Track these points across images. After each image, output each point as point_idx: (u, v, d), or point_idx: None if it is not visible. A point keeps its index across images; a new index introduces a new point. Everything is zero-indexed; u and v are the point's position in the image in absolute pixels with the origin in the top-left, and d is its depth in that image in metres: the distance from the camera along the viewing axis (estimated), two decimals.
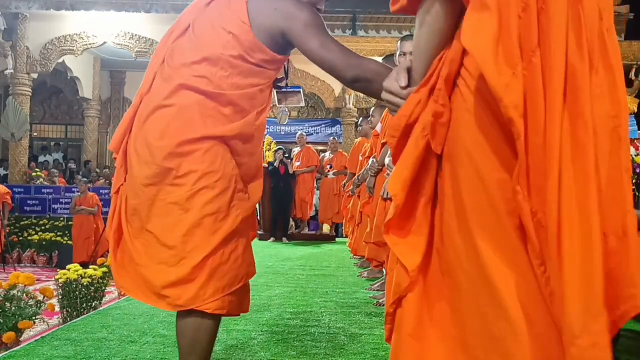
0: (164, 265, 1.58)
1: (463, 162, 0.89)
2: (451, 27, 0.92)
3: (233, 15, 1.62)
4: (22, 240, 9.91)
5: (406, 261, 0.93)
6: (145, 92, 1.67)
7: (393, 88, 1.04)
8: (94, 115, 13.79)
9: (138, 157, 1.61)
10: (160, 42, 1.75)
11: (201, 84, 1.60)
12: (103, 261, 5.09)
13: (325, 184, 8.90)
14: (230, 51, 1.61)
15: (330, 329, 2.95)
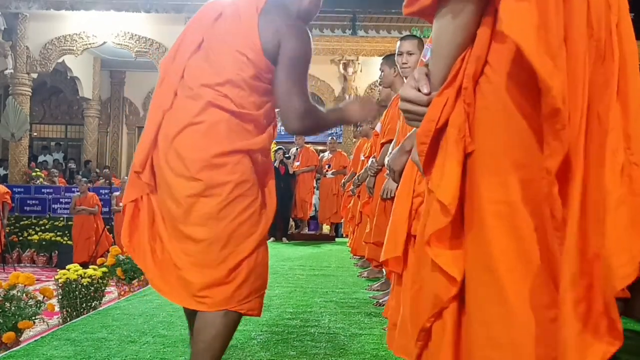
0: (203, 267, 1.67)
1: (484, 162, 0.88)
2: (477, 26, 0.90)
3: (246, 38, 1.73)
4: (22, 240, 9.91)
5: (454, 271, 0.89)
6: (167, 108, 1.75)
7: (412, 96, 0.98)
8: (94, 115, 13.79)
9: (172, 170, 1.70)
10: (171, 57, 1.82)
11: (226, 104, 1.70)
12: (103, 261, 5.09)
13: (324, 184, 8.90)
14: (247, 72, 1.72)
15: (330, 329, 2.95)
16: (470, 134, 0.89)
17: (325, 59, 13.56)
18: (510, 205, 0.85)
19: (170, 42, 11.32)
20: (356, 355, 2.50)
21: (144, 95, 14.93)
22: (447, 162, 0.90)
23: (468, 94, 0.89)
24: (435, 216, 0.91)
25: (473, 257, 0.89)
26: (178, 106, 1.74)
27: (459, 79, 0.91)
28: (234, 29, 1.75)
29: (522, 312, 0.82)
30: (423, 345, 0.98)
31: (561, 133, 0.79)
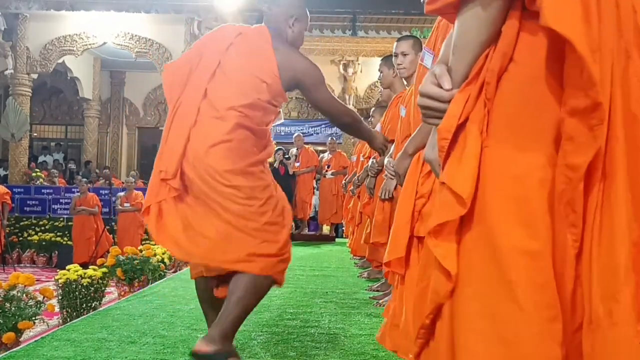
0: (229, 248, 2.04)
1: (497, 156, 0.87)
2: (502, 22, 0.89)
3: (265, 66, 2.11)
4: (22, 241, 9.91)
5: (448, 264, 0.89)
6: (192, 125, 2.08)
7: (433, 92, 0.95)
8: (94, 116, 13.79)
9: (199, 180, 2.05)
10: (184, 75, 2.15)
11: (248, 123, 2.09)
12: (103, 262, 5.09)
13: (324, 184, 8.90)
14: (264, 96, 2.11)
15: (330, 330, 2.95)
16: (487, 130, 0.88)
17: (325, 59, 13.55)
18: (523, 201, 0.84)
19: (170, 43, 11.32)
20: (356, 356, 2.50)
21: (144, 95, 14.94)
22: (465, 157, 0.89)
23: (490, 90, 0.88)
24: (448, 207, 0.89)
25: (478, 251, 0.87)
26: (205, 124, 2.07)
27: (482, 76, 0.90)
28: (252, 59, 2.12)
29: (528, 309, 0.82)
30: (423, 344, 0.96)
31: (597, 128, 0.78)
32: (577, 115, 0.79)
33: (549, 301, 0.82)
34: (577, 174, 0.79)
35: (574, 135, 0.79)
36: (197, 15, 10.51)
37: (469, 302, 0.87)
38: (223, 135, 2.05)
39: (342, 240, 8.53)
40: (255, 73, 2.10)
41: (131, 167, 14.62)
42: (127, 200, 9.60)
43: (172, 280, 4.53)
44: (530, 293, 0.82)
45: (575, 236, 0.81)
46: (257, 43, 2.15)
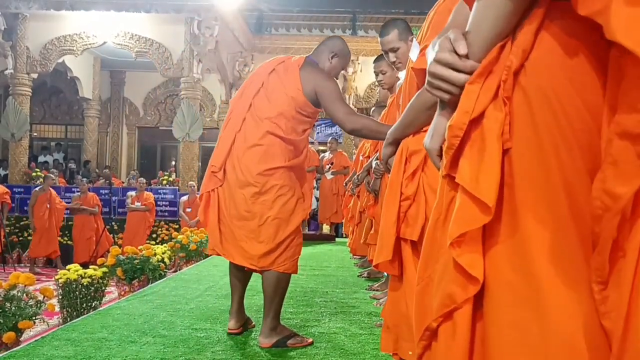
0: (257, 242, 2.54)
1: (524, 163, 0.82)
2: (520, 14, 0.84)
3: (291, 83, 2.60)
4: (22, 240, 9.91)
5: (475, 272, 0.84)
6: (238, 130, 2.61)
7: (451, 59, 0.87)
8: (94, 116, 13.80)
9: (237, 177, 2.56)
10: (239, 96, 2.72)
11: (277, 131, 2.55)
12: (103, 261, 5.10)
13: (324, 184, 8.90)
14: (290, 107, 2.58)
15: (330, 329, 2.95)
16: (509, 130, 0.83)
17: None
18: (557, 208, 0.79)
19: (170, 42, 11.35)
20: (356, 355, 2.50)
21: (144, 95, 14.95)
22: (486, 158, 0.83)
23: (507, 87, 0.83)
24: (470, 215, 0.84)
25: (506, 259, 0.83)
26: (246, 131, 2.59)
27: (497, 69, 0.84)
28: (284, 78, 2.63)
29: (561, 321, 0.77)
30: (426, 345, 0.93)
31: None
32: (629, 138, 0.70)
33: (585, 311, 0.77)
34: (617, 204, 0.70)
35: (620, 160, 0.71)
36: (197, 15, 10.50)
37: (503, 312, 0.83)
38: (256, 140, 2.55)
39: (342, 240, 8.53)
40: (285, 90, 2.60)
41: (131, 166, 14.63)
42: (138, 200, 9.65)
43: (172, 280, 4.54)
44: (563, 304, 0.78)
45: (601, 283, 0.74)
46: (291, 67, 2.67)
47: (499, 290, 0.83)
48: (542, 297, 0.78)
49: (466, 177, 0.85)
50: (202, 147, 14.25)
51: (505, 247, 0.83)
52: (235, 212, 2.58)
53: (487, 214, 0.83)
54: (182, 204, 10.04)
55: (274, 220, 2.53)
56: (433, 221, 0.95)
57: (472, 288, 0.85)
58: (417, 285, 0.98)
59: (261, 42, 13.43)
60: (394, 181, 1.82)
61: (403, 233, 1.76)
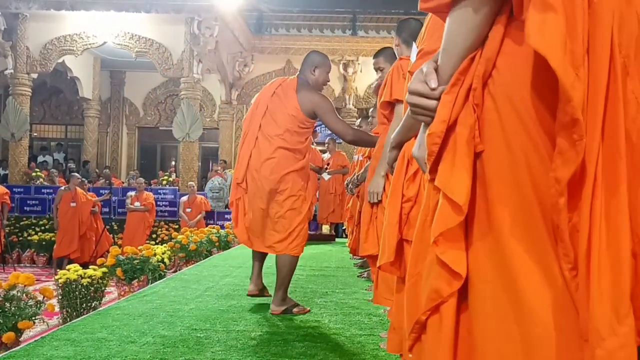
0: (274, 232, 3.21)
1: (494, 164, 0.88)
2: (489, 27, 0.91)
3: (290, 104, 3.20)
4: (22, 240, 9.91)
5: (459, 268, 0.90)
6: (252, 147, 3.24)
7: (422, 89, 0.97)
8: (94, 116, 13.79)
9: (255, 185, 3.23)
10: (249, 118, 3.33)
11: (286, 145, 3.18)
12: (103, 261, 5.09)
13: (322, 183, 8.90)
14: (293, 124, 3.19)
15: (330, 330, 2.95)
16: (479, 135, 0.90)
17: None
18: (524, 207, 0.85)
19: (170, 43, 11.37)
20: (356, 356, 2.50)
21: (144, 95, 14.95)
22: (457, 162, 0.91)
23: (477, 95, 0.90)
24: (446, 215, 0.91)
25: (486, 254, 0.89)
26: (260, 147, 3.21)
27: (468, 79, 0.91)
28: (284, 100, 3.22)
29: (538, 310, 0.83)
30: (416, 338, 0.99)
31: (578, 143, 0.79)
32: (562, 129, 0.81)
33: (560, 303, 0.83)
34: (560, 187, 0.81)
35: (562, 149, 0.81)
36: (197, 15, 10.51)
37: (483, 303, 0.89)
38: (270, 154, 3.18)
39: (342, 240, 8.53)
40: (286, 110, 3.19)
41: (131, 166, 14.63)
42: (138, 200, 9.64)
43: (172, 280, 4.54)
44: (538, 295, 0.83)
45: (567, 257, 0.82)
46: (288, 90, 3.24)
47: (480, 284, 0.89)
48: (518, 288, 0.84)
49: (442, 179, 0.93)
50: (202, 147, 14.27)
51: (483, 243, 0.89)
52: (257, 212, 3.23)
53: (459, 213, 0.90)
54: (182, 204, 10.03)
55: (287, 215, 3.18)
56: (421, 222, 1.02)
57: (456, 283, 0.91)
58: (408, 282, 1.04)
59: (261, 42, 13.43)
60: (395, 183, 1.82)
61: (405, 234, 1.77)
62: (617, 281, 0.79)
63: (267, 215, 3.21)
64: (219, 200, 10.83)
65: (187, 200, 9.97)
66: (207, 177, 12.41)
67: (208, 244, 7.20)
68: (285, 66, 13.51)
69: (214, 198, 10.78)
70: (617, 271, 0.79)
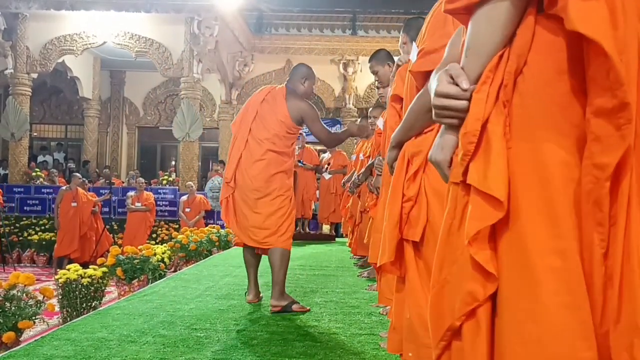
0: (264, 229, 3.38)
1: (522, 162, 0.88)
2: (517, 25, 0.91)
3: (280, 111, 3.43)
4: (22, 240, 9.90)
5: (492, 268, 0.89)
6: (242, 149, 3.45)
7: (452, 91, 0.96)
8: (93, 115, 13.79)
9: (245, 183, 3.42)
10: (238, 122, 3.54)
11: (274, 148, 3.41)
12: (103, 261, 5.09)
13: (322, 183, 8.90)
14: (282, 130, 3.43)
15: (330, 329, 2.95)
16: (510, 131, 0.89)
17: (325, 59, 13.55)
18: (550, 202, 0.85)
19: (170, 42, 11.37)
20: (356, 355, 2.50)
21: (143, 95, 14.94)
22: (493, 158, 0.89)
23: (507, 92, 0.89)
24: (484, 213, 0.89)
25: (508, 254, 0.88)
26: (250, 149, 3.42)
27: (497, 76, 0.91)
28: (274, 107, 3.45)
29: (553, 309, 0.82)
30: (446, 346, 0.96)
31: (625, 127, 0.79)
32: (603, 115, 0.80)
33: (576, 302, 0.82)
34: (605, 173, 0.80)
35: (601, 135, 0.80)
36: (197, 15, 10.50)
37: (505, 303, 0.88)
38: (260, 156, 3.40)
39: (342, 240, 8.53)
40: (276, 116, 3.42)
41: (131, 166, 14.63)
42: (139, 200, 9.63)
43: (172, 280, 4.54)
44: (556, 294, 0.82)
45: (603, 235, 0.81)
46: (277, 97, 3.48)
47: (502, 283, 0.88)
48: (536, 286, 0.83)
49: (475, 177, 0.91)
50: (202, 147, 14.26)
51: (506, 241, 0.88)
52: (246, 209, 3.42)
53: (499, 209, 0.88)
54: (182, 203, 10.03)
55: (275, 212, 3.39)
56: (447, 226, 0.98)
57: (490, 285, 0.89)
58: (433, 289, 1.01)
59: (261, 42, 13.43)
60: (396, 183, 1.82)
61: (405, 234, 1.76)
62: None
63: (256, 212, 3.39)
64: (219, 200, 10.82)
65: (187, 200, 9.97)
66: (207, 177, 12.41)
67: (208, 243, 7.20)
68: (285, 66, 13.50)
69: (214, 198, 10.77)
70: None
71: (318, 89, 13.36)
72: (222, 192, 3.56)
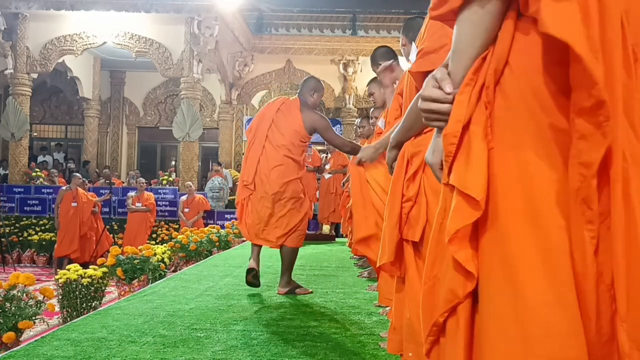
0: (278, 228, 3.78)
1: (503, 163, 0.89)
2: (498, 28, 0.92)
3: (295, 121, 3.80)
4: (22, 240, 9.91)
5: (471, 267, 0.91)
6: (260, 154, 3.79)
7: (437, 95, 0.99)
8: (93, 115, 13.79)
9: (264, 186, 3.77)
10: (253, 129, 3.91)
11: (290, 154, 3.78)
12: (103, 261, 5.09)
13: (322, 183, 8.90)
14: (296, 138, 3.80)
15: (330, 329, 2.95)
16: (491, 132, 0.91)
17: (325, 59, 13.56)
18: (532, 201, 0.86)
19: (170, 42, 11.38)
20: (356, 355, 2.50)
21: (143, 95, 14.95)
22: (472, 159, 0.91)
23: (489, 93, 0.91)
24: (462, 212, 0.91)
25: (490, 252, 0.89)
26: (269, 155, 3.78)
27: (480, 78, 0.92)
28: (289, 117, 3.82)
29: (537, 307, 0.83)
30: (434, 341, 0.99)
31: (605, 125, 0.80)
32: (584, 114, 0.81)
33: (563, 300, 0.83)
34: (590, 171, 0.81)
35: (585, 134, 0.81)
36: (197, 15, 10.51)
37: (487, 302, 0.89)
38: (277, 162, 3.76)
39: (342, 240, 8.53)
40: (291, 125, 3.78)
41: (131, 166, 14.63)
42: (139, 201, 9.63)
43: (172, 280, 4.54)
44: (541, 293, 0.83)
45: (593, 232, 0.82)
46: (292, 108, 3.85)
47: (485, 281, 0.89)
48: (519, 285, 0.84)
49: (456, 177, 0.93)
50: (202, 147, 14.26)
51: (488, 240, 0.90)
52: (263, 211, 3.78)
53: (477, 209, 0.89)
54: (181, 203, 10.03)
55: (287, 214, 3.77)
56: (437, 225, 1.01)
57: (469, 284, 0.91)
58: (424, 285, 1.03)
59: (261, 42, 13.43)
60: (396, 183, 1.82)
61: (405, 234, 1.76)
62: None
63: (272, 214, 3.76)
64: (219, 200, 10.83)
65: (186, 200, 9.97)
66: (207, 177, 12.41)
67: (208, 243, 7.20)
68: (285, 66, 13.51)
69: (214, 198, 10.78)
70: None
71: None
72: (240, 194, 3.91)
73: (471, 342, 0.92)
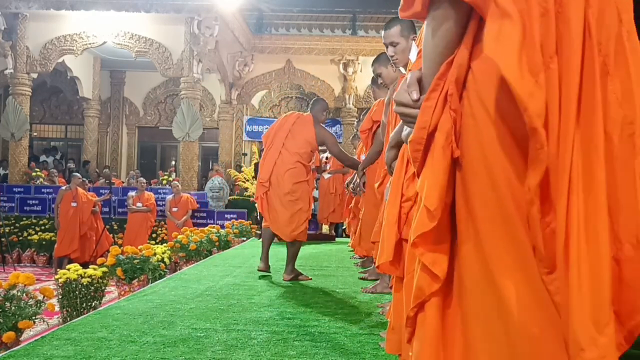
0: (288, 223, 4.41)
1: (472, 169, 0.89)
2: (460, 33, 0.92)
3: (309, 134, 4.50)
4: (22, 240, 9.90)
5: (437, 269, 0.93)
6: (276, 158, 4.47)
7: (405, 100, 1.02)
8: (93, 115, 13.79)
9: (279, 185, 4.44)
10: (271, 137, 4.59)
11: (302, 160, 4.47)
12: (103, 261, 5.09)
13: (322, 183, 8.89)
14: (309, 148, 4.51)
15: (330, 329, 2.95)
16: (456, 140, 0.91)
17: (325, 59, 13.56)
18: (502, 208, 0.86)
19: (170, 42, 11.38)
20: (356, 355, 2.50)
21: (143, 95, 14.95)
22: (429, 166, 0.93)
23: (454, 101, 0.90)
24: (422, 220, 0.94)
25: (467, 257, 0.90)
26: (284, 159, 4.45)
27: (447, 84, 0.92)
28: (303, 130, 4.51)
29: (517, 309, 0.83)
30: (412, 332, 1.02)
31: (540, 152, 0.79)
32: (529, 137, 0.81)
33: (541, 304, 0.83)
34: (531, 193, 0.81)
35: (530, 157, 0.81)
36: (197, 15, 10.50)
37: (470, 304, 0.91)
38: (291, 165, 4.44)
39: (342, 240, 8.53)
40: (305, 137, 4.49)
41: (131, 166, 14.63)
42: (140, 201, 9.61)
43: (172, 280, 4.54)
44: (518, 297, 0.84)
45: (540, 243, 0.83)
46: (307, 123, 4.54)
47: (468, 284, 0.91)
48: (497, 288, 0.86)
49: (420, 185, 0.96)
50: (202, 147, 14.26)
51: (467, 244, 0.91)
52: (277, 206, 4.43)
53: (431, 219, 0.92)
54: (168, 203, 9.85)
55: (297, 212, 4.40)
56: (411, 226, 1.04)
57: (435, 284, 0.94)
58: (405, 278, 1.09)
59: (261, 42, 13.43)
60: (395, 183, 1.82)
61: (405, 234, 1.76)
62: (597, 289, 0.78)
63: (285, 209, 4.40)
64: (219, 200, 10.82)
65: (173, 199, 9.82)
66: (207, 177, 12.41)
67: (208, 243, 7.20)
68: (285, 66, 13.50)
69: (214, 198, 10.77)
70: (597, 278, 0.78)
71: (318, 88, 13.38)
72: (257, 190, 4.59)
73: (440, 335, 0.95)
